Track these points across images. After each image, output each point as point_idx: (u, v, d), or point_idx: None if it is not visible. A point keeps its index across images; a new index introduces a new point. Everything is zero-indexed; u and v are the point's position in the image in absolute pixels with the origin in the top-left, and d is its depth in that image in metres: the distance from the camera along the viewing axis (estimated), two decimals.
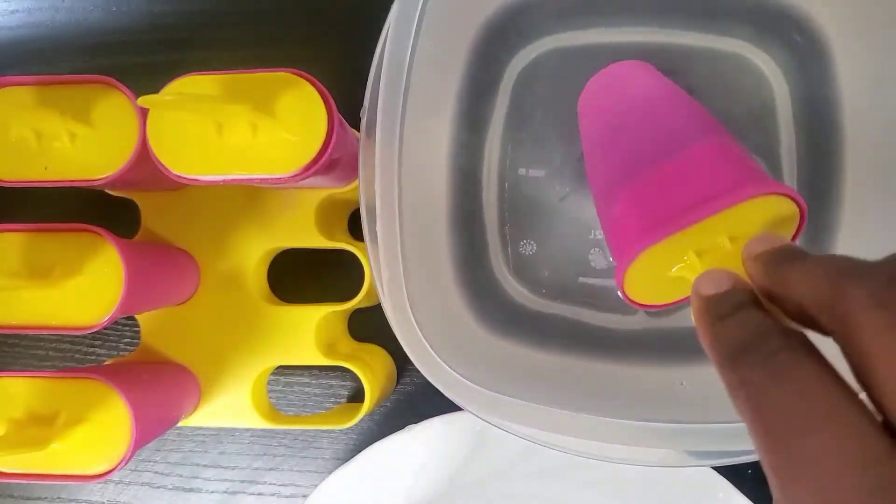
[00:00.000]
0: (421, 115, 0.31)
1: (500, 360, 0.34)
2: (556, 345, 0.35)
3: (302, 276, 0.40)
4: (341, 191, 0.37)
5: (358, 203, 0.30)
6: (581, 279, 0.36)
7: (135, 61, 0.42)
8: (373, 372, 0.38)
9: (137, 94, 0.28)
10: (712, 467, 0.35)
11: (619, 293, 0.25)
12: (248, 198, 0.38)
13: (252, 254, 0.38)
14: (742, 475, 0.37)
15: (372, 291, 0.37)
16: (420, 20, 0.29)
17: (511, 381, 0.31)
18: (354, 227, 0.40)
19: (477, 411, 0.29)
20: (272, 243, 0.38)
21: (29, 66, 0.42)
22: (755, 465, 0.37)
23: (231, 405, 0.38)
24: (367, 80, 0.30)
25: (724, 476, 0.36)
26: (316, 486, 0.38)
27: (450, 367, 0.29)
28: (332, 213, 0.39)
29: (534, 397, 0.29)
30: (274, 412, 0.39)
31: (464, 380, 0.29)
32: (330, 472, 0.38)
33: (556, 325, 0.36)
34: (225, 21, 0.41)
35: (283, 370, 0.41)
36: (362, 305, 0.39)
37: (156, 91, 0.29)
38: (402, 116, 0.29)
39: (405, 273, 0.29)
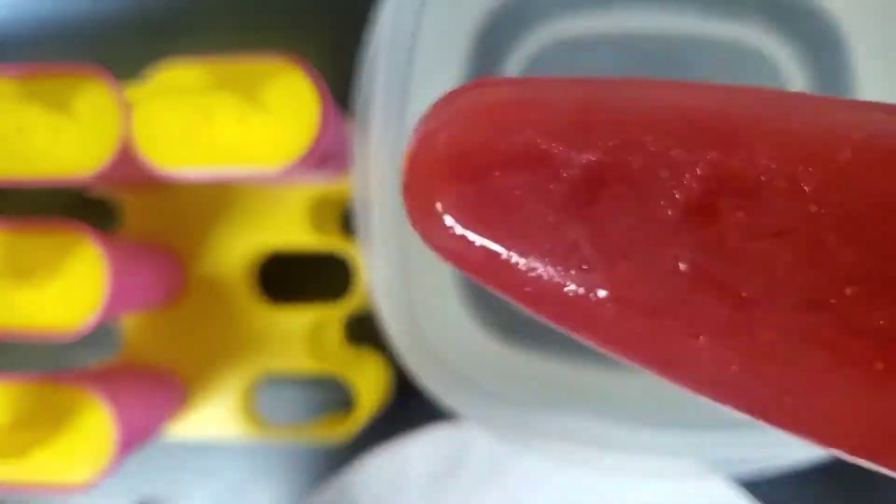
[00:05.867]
0: (419, 107, 0.30)
1: (502, 365, 0.33)
2: (560, 350, 0.34)
3: (294, 277, 0.39)
4: (334, 189, 0.35)
5: (350, 202, 0.29)
6: None
7: (122, 50, 0.41)
8: (367, 379, 0.37)
9: (124, 84, 0.27)
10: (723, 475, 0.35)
11: None
12: (235, 196, 0.36)
13: (241, 254, 0.37)
14: (754, 481, 0.36)
15: (367, 294, 0.36)
16: (418, 9, 0.28)
17: (513, 386, 0.30)
18: (349, 227, 0.40)
19: (475, 418, 0.28)
20: (262, 244, 0.37)
21: (14, 56, 0.41)
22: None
23: (218, 413, 0.37)
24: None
25: (735, 483, 0.35)
26: (307, 497, 0.37)
27: (447, 372, 0.28)
28: (325, 213, 0.37)
29: (537, 403, 0.28)
30: (263, 422, 0.38)
31: (461, 385, 0.28)
32: (322, 482, 0.37)
33: (559, 331, 0.35)
34: (215, 9, 0.41)
35: (273, 377, 0.40)
36: (358, 308, 0.37)
37: (142, 80, 0.28)
38: (399, 109, 0.28)
39: (401, 274, 0.28)
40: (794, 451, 0.27)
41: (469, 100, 0.13)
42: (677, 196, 0.11)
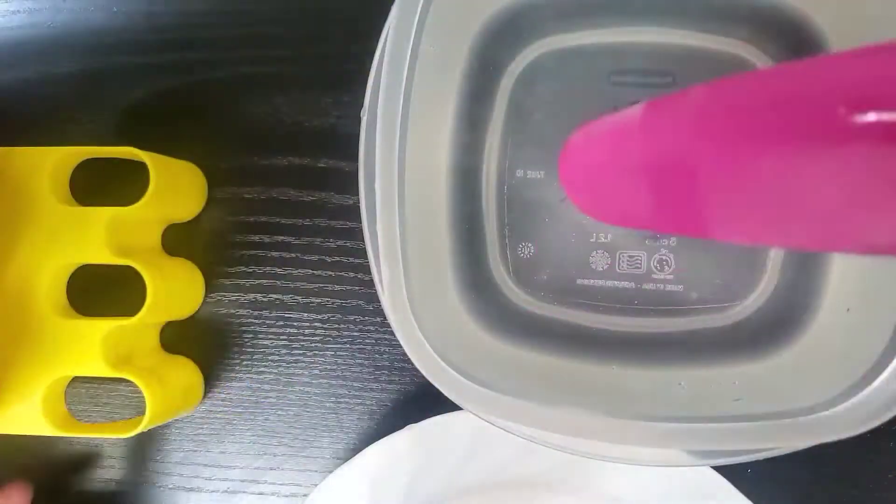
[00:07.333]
0: (421, 115, 0.31)
1: (500, 361, 0.34)
2: (556, 346, 0.35)
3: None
4: (129, 211, 0.37)
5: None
6: (580, 281, 0.36)
7: (135, 62, 0.42)
8: (162, 385, 0.38)
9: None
10: (711, 467, 0.36)
11: None
12: (39, 216, 0.38)
13: (44, 269, 0.39)
14: (742, 475, 0.37)
15: (159, 307, 0.38)
16: (420, 21, 0.29)
17: (510, 380, 0.31)
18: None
19: (476, 411, 0.29)
20: (65, 261, 0.39)
21: (29, 64, 0.42)
22: (755, 465, 0.37)
23: (23, 413, 0.38)
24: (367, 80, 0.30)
25: (723, 476, 0.36)
26: (316, 485, 0.38)
27: (449, 366, 0.29)
28: (121, 233, 0.39)
29: (533, 397, 0.29)
30: (68, 421, 0.40)
31: (463, 379, 0.29)
32: (330, 472, 0.38)
33: (555, 327, 0.36)
34: (225, 21, 0.41)
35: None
36: (173, 318, 0.40)
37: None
38: (402, 117, 0.29)
39: (405, 273, 0.29)
40: (774, 443, 0.27)
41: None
42: None
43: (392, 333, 0.30)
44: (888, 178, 0.16)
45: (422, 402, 0.41)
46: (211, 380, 0.42)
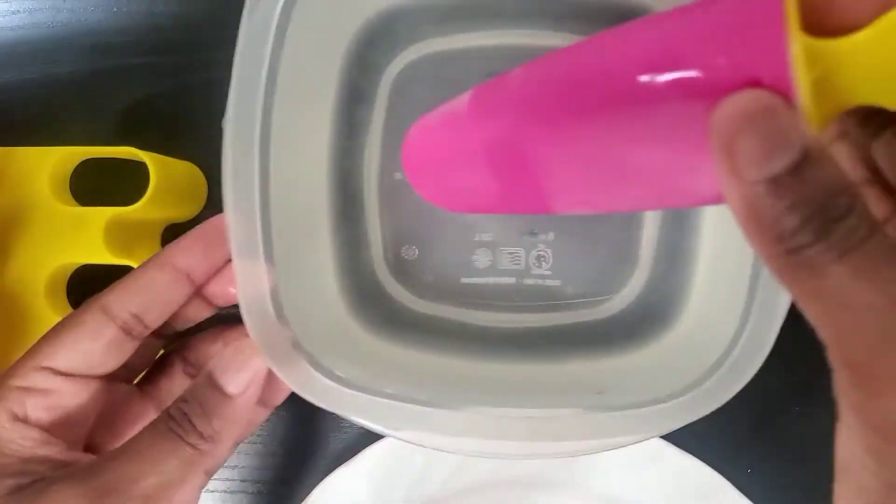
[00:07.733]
0: (291, 119, 0.30)
1: (389, 364, 0.34)
2: (443, 346, 0.35)
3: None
4: (127, 212, 0.37)
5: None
6: (464, 279, 0.36)
7: (135, 62, 0.42)
8: None
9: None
10: (710, 467, 0.35)
11: None
12: (37, 217, 0.39)
13: (43, 267, 0.38)
14: (742, 475, 0.37)
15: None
16: (280, 27, 0.29)
17: (400, 384, 0.30)
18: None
19: (368, 419, 0.28)
20: (63, 261, 0.38)
21: (29, 67, 0.42)
22: (754, 465, 0.37)
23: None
24: None
25: (723, 476, 0.36)
26: (316, 485, 0.38)
27: (333, 375, 0.28)
28: (125, 231, 0.39)
29: (422, 399, 0.28)
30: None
31: (347, 389, 0.28)
32: (330, 472, 0.38)
33: (442, 327, 0.36)
34: (226, 22, 0.41)
35: None
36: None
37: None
38: (262, 122, 0.28)
39: (275, 284, 0.28)
40: (628, 433, 0.27)
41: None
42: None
43: None
44: (696, 131, 0.17)
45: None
46: None
